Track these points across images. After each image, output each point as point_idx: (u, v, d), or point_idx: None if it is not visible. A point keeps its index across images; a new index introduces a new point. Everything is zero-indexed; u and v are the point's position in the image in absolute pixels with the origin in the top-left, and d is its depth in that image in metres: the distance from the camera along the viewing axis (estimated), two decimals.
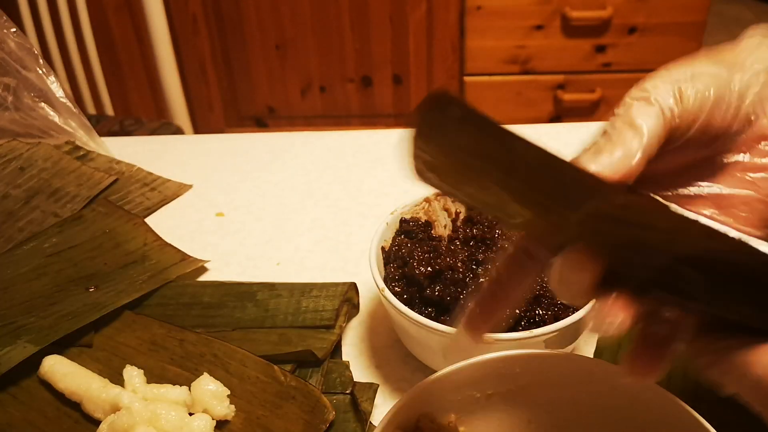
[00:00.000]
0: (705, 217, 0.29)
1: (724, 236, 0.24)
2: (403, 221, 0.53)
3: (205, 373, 0.46)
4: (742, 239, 0.24)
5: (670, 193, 0.31)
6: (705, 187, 0.31)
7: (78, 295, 0.55)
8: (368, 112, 1.83)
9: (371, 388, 0.47)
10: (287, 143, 0.80)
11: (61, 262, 0.59)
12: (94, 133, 0.78)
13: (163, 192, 0.71)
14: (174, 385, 0.46)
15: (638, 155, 0.27)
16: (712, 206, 0.30)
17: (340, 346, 0.52)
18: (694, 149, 0.30)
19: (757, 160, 0.30)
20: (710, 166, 0.31)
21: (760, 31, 0.32)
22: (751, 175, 0.30)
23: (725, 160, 0.30)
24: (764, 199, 0.30)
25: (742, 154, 0.30)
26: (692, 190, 0.31)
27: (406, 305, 0.45)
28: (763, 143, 0.30)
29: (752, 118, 0.30)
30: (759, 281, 0.25)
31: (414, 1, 1.65)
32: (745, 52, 0.30)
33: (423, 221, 0.54)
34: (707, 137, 0.29)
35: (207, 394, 0.45)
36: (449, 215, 0.55)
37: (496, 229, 0.52)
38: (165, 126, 1.38)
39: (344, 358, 0.51)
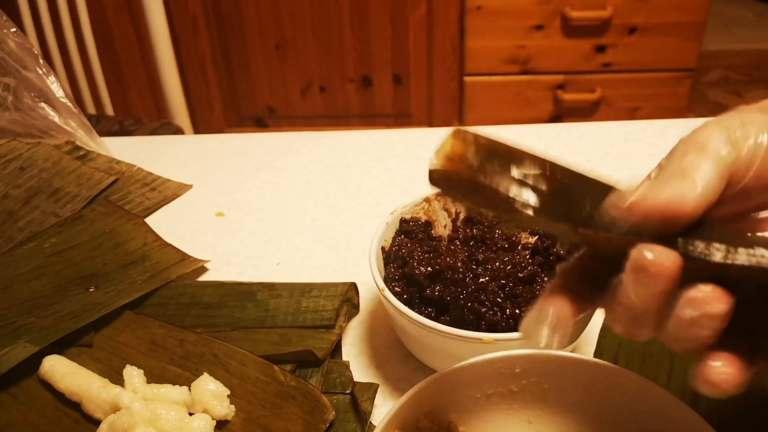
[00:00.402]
0: None
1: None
2: (403, 221, 0.53)
3: (205, 373, 0.46)
4: None
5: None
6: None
7: (78, 295, 0.55)
8: (368, 112, 1.83)
9: (371, 388, 0.47)
10: (287, 143, 0.80)
11: (61, 262, 0.59)
12: (94, 133, 0.78)
13: (163, 192, 0.71)
14: (174, 385, 0.46)
15: (693, 203, 0.26)
16: None
17: (340, 346, 0.52)
18: (750, 197, 0.29)
19: None
20: None
21: None
22: None
23: None
24: None
25: None
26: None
27: (406, 305, 0.45)
28: None
29: None
30: None
31: (414, 1, 1.65)
32: None
33: (423, 221, 0.54)
34: (763, 184, 0.28)
35: (207, 394, 0.45)
36: (449, 215, 0.55)
37: (496, 229, 0.52)
38: (165, 126, 1.38)
39: (344, 358, 0.51)
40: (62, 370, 0.47)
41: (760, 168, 0.28)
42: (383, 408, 0.47)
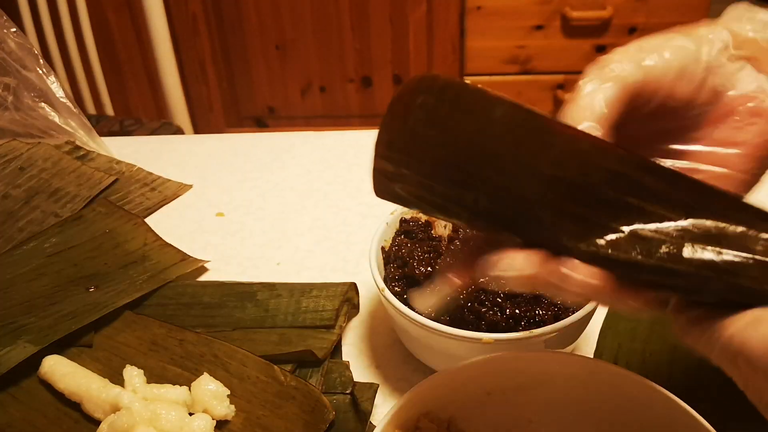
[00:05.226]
0: None
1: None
2: (403, 221, 0.53)
3: (205, 373, 0.46)
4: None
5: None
6: (677, 162, 0.31)
7: (78, 295, 0.55)
8: (368, 112, 1.83)
9: (371, 388, 0.47)
10: (287, 143, 0.80)
11: (61, 262, 0.59)
12: (94, 133, 0.78)
13: (163, 192, 0.71)
14: (174, 385, 0.46)
15: (596, 124, 0.27)
16: None
17: (340, 346, 0.52)
18: (661, 118, 0.30)
19: (727, 135, 0.31)
20: (681, 138, 0.31)
21: (740, 6, 0.32)
22: (721, 150, 0.31)
23: (696, 134, 0.31)
24: (734, 174, 0.30)
25: (712, 128, 0.31)
26: (666, 162, 0.31)
27: (406, 305, 0.45)
28: (733, 118, 0.30)
29: (720, 90, 0.30)
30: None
31: (414, 1, 1.65)
32: (716, 28, 0.31)
33: (423, 221, 0.54)
34: (672, 106, 0.30)
35: (207, 394, 0.45)
36: None
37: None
38: (165, 126, 1.38)
39: (344, 358, 0.51)
40: (62, 370, 0.47)
41: (668, 89, 0.29)
42: (383, 408, 0.47)
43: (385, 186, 0.29)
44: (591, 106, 0.28)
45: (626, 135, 0.29)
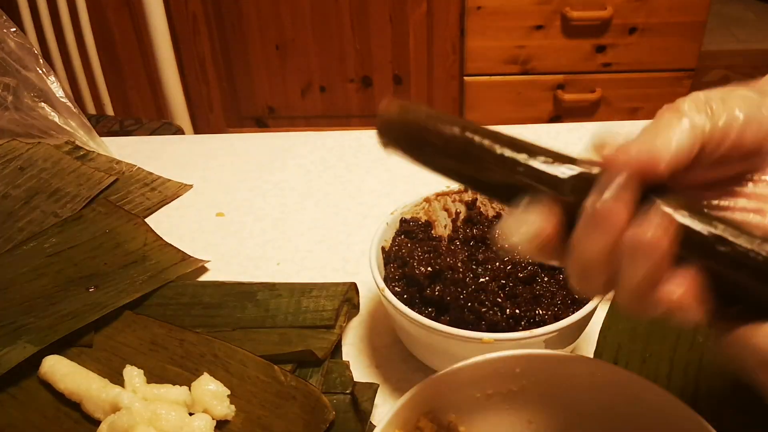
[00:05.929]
0: None
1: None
2: (403, 221, 0.53)
3: (205, 373, 0.46)
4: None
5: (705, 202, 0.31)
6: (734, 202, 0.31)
7: (78, 295, 0.55)
8: (368, 112, 1.83)
9: (371, 388, 0.47)
10: (287, 143, 0.80)
11: (61, 262, 0.59)
12: (94, 133, 0.78)
13: (163, 192, 0.71)
14: (174, 385, 0.46)
15: (666, 161, 0.27)
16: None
17: (340, 346, 0.52)
18: (727, 165, 0.30)
19: None
20: (743, 182, 0.31)
21: None
22: None
23: (758, 177, 0.31)
24: None
25: None
26: (724, 203, 0.31)
27: (406, 305, 0.45)
28: None
29: None
30: None
31: (414, 1, 1.65)
32: None
33: (423, 221, 0.54)
34: (739, 154, 0.30)
35: (207, 394, 0.45)
36: (449, 215, 0.55)
37: (496, 229, 0.52)
38: (165, 126, 1.38)
39: (344, 358, 0.51)
40: (62, 370, 0.47)
41: (736, 139, 0.29)
42: (383, 408, 0.47)
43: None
44: (668, 139, 0.28)
45: (684, 182, 0.29)
